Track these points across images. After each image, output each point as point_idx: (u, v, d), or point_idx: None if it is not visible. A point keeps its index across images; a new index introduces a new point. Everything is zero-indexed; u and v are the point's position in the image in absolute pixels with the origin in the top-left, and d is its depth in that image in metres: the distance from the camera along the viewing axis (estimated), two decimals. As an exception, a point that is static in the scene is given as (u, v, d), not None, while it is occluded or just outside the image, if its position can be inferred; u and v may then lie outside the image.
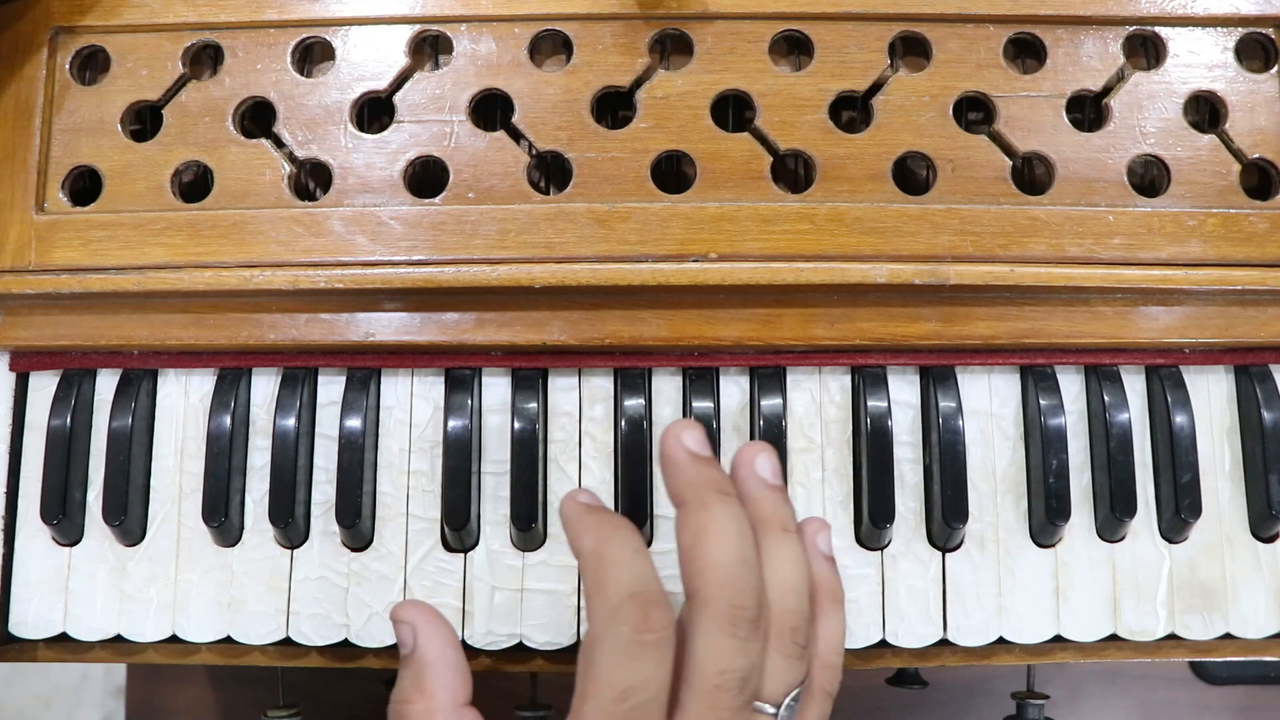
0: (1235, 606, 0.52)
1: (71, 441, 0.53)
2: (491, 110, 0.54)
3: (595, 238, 0.52)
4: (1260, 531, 0.53)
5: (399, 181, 0.53)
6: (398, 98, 0.53)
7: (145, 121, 0.55)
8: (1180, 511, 0.51)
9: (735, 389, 0.54)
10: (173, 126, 0.54)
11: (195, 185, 0.55)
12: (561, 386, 0.54)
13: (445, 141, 0.53)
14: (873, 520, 0.51)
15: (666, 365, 0.53)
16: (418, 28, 0.54)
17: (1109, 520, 0.52)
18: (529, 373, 0.53)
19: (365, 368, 0.53)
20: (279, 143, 0.53)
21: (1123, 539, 0.53)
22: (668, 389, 0.54)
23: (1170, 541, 0.53)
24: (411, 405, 0.54)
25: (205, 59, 0.55)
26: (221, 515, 0.52)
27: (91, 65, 0.55)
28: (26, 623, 0.53)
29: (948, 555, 0.53)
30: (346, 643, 0.52)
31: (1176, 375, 0.53)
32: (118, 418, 0.52)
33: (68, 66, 0.54)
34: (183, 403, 0.54)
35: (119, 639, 0.53)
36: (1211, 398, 0.54)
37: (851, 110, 0.56)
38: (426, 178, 0.54)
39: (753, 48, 0.53)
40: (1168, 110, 0.53)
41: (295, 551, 0.53)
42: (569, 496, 0.44)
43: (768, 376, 0.53)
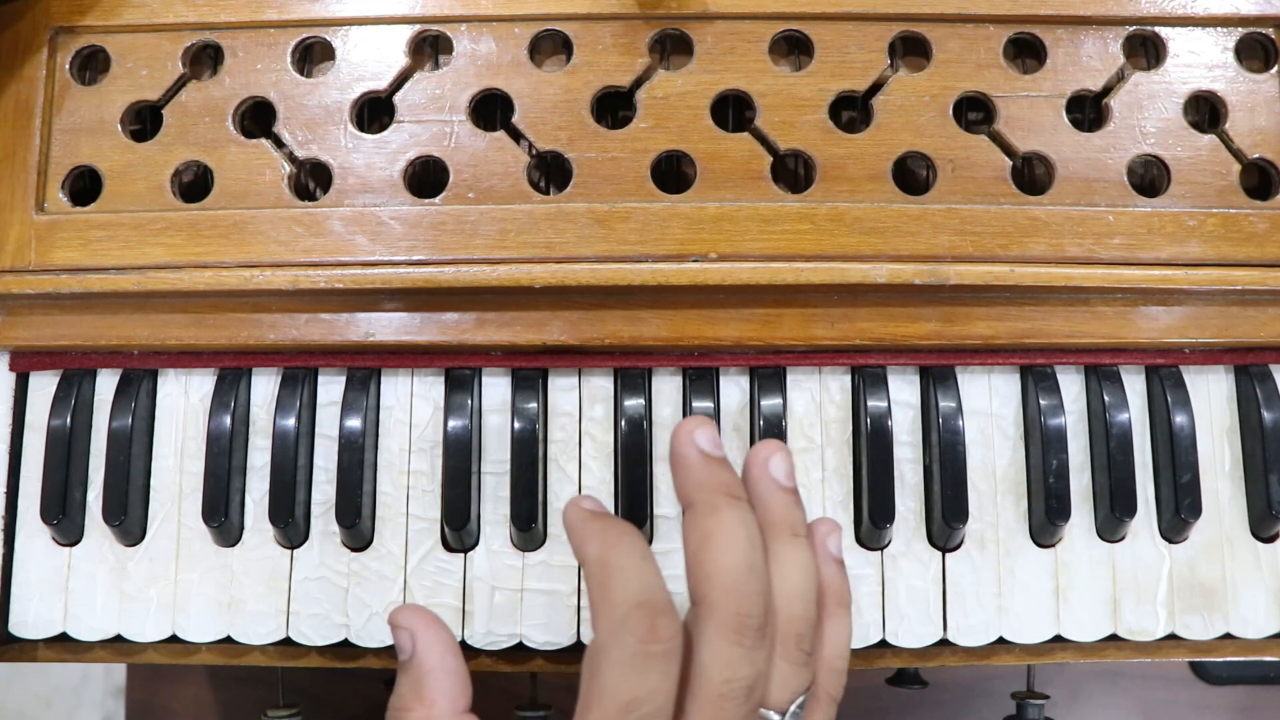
0: (1235, 606, 0.52)
1: (71, 441, 0.53)
2: (491, 110, 0.54)
3: (595, 238, 0.52)
4: (1260, 531, 0.53)
5: (399, 181, 0.53)
6: (398, 98, 0.53)
7: (145, 121, 0.55)
8: (1180, 511, 0.51)
9: (735, 389, 0.54)
10: (173, 126, 0.54)
11: (195, 185, 0.55)
12: (561, 386, 0.54)
13: (445, 141, 0.53)
14: (873, 520, 0.51)
15: (666, 365, 0.53)
16: (418, 28, 0.54)
17: (1109, 520, 0.52)
18: (529, 373, 0.53)
19: (365, 368, 0.53)
20: (279, 143, 0.53)
21: (1123, 539, 0.53)
22: (668, 389, 0.54)
23: (1170, 541, 0.53)
24: (411, 405, 0.54)
25: (205, 59, 0.55)
26: (221, 515, 0.52)
27: (91, 65, 0.55)
28: (26, 623, 0.53)
29: (948, 555, 0.53)
30: (346, 643, 0.52)
31: (1176, 375, 0.53)
32: (118, 418, 0.52)
33: (68, 66, 0.54)
34: (183, 403, 0.54)
35: (119, 639, 0.53)
36: (1211, 398, 0.54)
37: (851, 110, 0.56)
38: (426, 178, 0.54)
39: (753, 48, 0.53)
40: (1168, 110, 0.53)
41: (295, 551, 0.53)
42: (572, 503, 0.43)
43: (768, 376, 0.53)
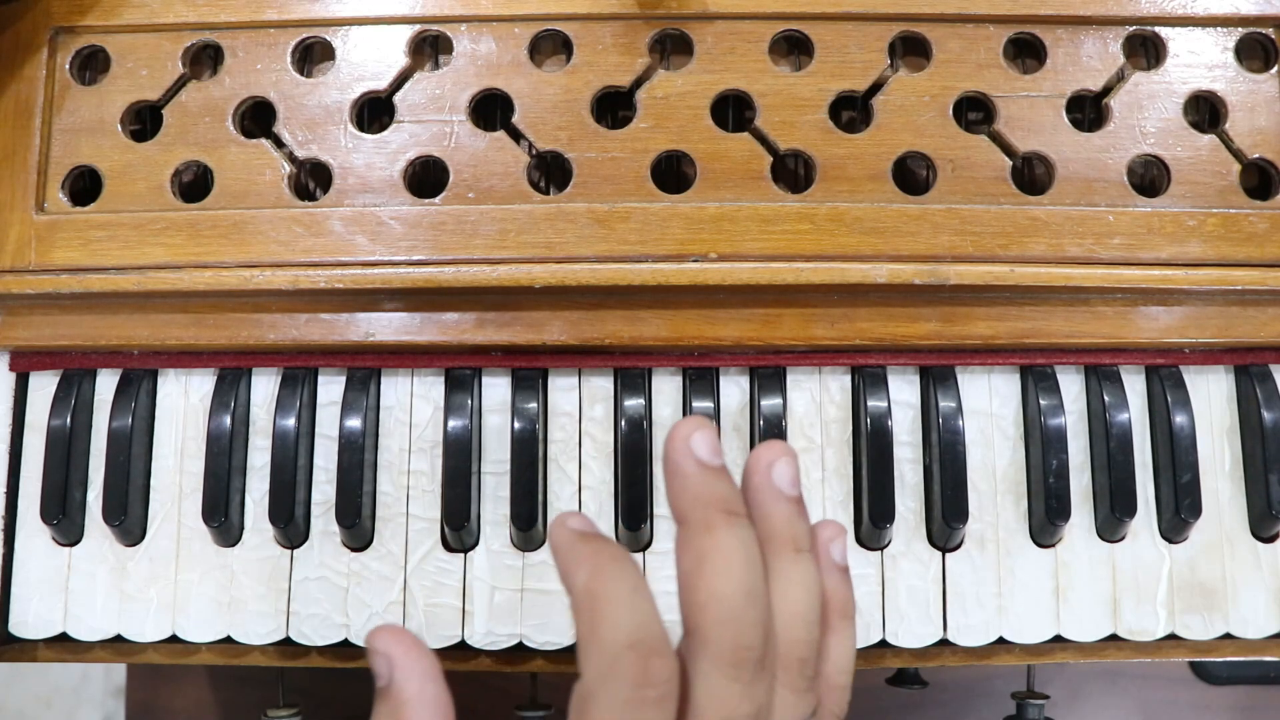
0: (1235, 606, 0.52)
1: (71, 441, 0.53)
2: (491, 110, 0.54)
3: (595, 238, 0.52)
4: (1260, 531, 0.53)
5: (399, 181, 0.53)
6: (398, 98, 0.53)
7: (145, 121, 0.55)
8: (1180, 511, 0.51)
9: (735, 389, 0.54)
10: (173, 126, 0.54)
11: (195, 185, 0.55)
12: (561, 386, 0.54)
13: (445, 141, 0.53)
14: (873, 520, 0.51)
15: (666, 365, 0.53)
16: (418, 28, 0.54)
17: (1109, 520, 0.52)
18: (529, 373, 0.53)
19: (365, 368, 0.53)
20: (279, 143, 0.53)
21: (1123, 539, 0.53)
22: (668, 389, 0.54)
23: (1170, 541, 0.53)
24: (411, 405, 0.54)
25: (205, 59, 0.55)
26: (221, 515, 0.52)
27: (91, 65, 0.55)
28: (26, 623, 0.53)
29: (948, 555, 0.53)
30: (346, 643, 0.52)
31: (1176, 375, 0.53)
32: (118, 418, 0.52)
33: (68, 66, 0.54)
34: (183, 403, 0.54)
35: (119, 639, 0.53)
36: (1211, 398, 0.54)
37: (851, 110, 0.56)
38: (426, 178, 0.54)
39: (753, 48, 0.53)
40: (1168, 110, 0.53)
41: (295, 551, 0.53)
42: (559, 522, 0.38)
43: (768, 376, 0.53)
